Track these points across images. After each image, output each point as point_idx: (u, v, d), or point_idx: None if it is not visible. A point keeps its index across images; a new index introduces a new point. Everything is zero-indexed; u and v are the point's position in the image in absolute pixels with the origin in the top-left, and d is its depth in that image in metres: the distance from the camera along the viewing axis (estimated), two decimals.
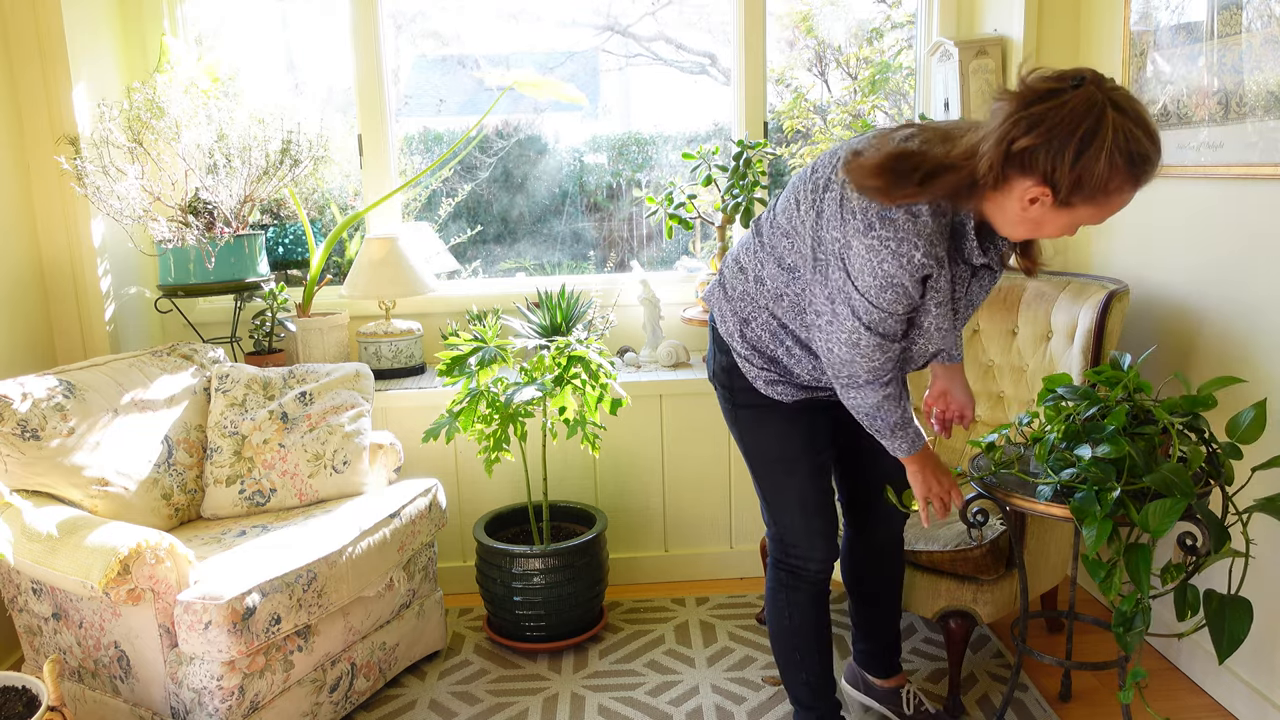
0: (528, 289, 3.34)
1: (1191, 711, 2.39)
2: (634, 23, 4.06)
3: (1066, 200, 1.51)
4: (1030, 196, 1.53)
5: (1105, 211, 1.54)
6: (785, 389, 1.94)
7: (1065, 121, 1.46)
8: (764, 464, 2.05)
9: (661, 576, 3.20)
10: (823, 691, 2.13)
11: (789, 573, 2.09)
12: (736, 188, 3.06)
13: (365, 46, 3.20)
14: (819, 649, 2.11)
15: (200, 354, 2.77)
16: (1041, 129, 1.47)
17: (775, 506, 2.07)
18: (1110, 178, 1.47)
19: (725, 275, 1.98)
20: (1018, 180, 1.53)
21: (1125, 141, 1.45)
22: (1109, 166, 1.46)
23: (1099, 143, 1.44)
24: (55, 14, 2.73)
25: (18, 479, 2.22)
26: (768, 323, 1.89)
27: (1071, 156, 1.46)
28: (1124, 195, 1.52)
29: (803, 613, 2.09)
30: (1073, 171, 1.47)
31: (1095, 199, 1.50)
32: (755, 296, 1.90)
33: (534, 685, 2.59)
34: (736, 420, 2.05)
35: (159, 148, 2.80)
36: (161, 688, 2.11)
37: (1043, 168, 1.49)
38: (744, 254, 1.93)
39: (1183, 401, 1.83)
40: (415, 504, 2.57)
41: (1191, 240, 2.46)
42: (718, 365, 2.03)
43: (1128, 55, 2.65)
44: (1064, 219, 1.56)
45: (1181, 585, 1.79)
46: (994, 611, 2.32)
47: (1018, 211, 1.57)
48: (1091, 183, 1.47)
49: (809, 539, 2.05)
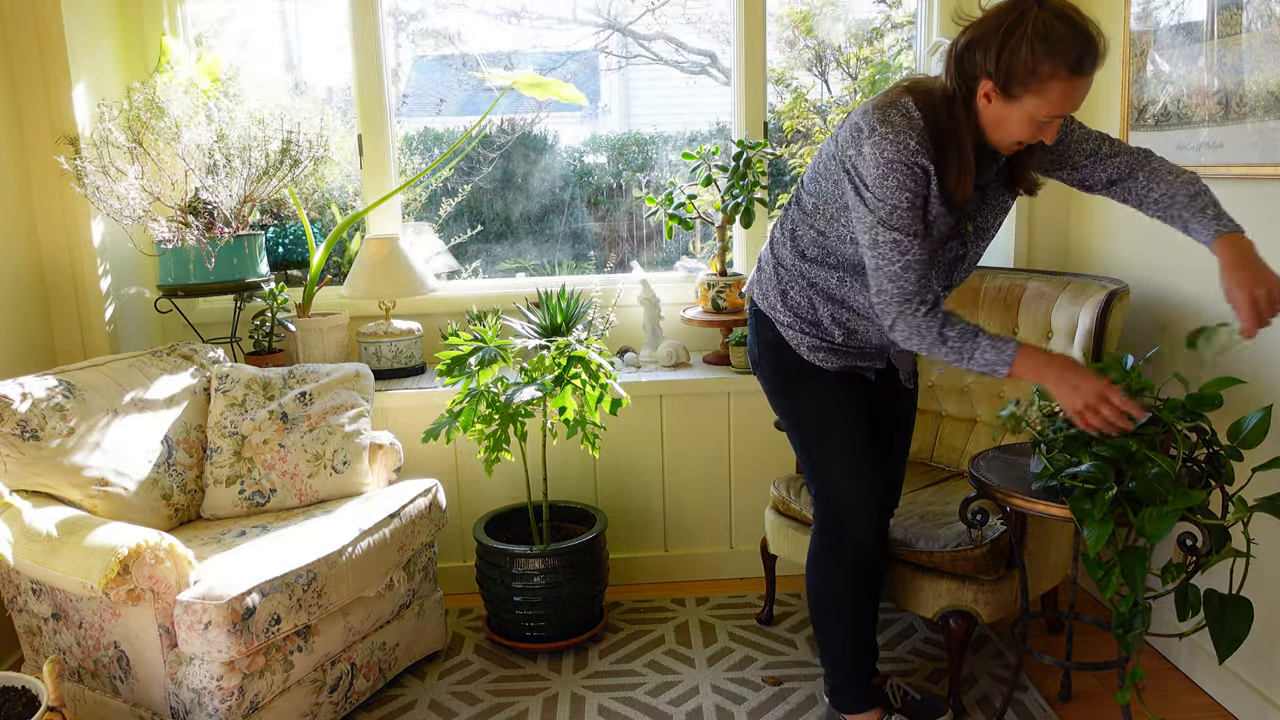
0: (528, 289, 3.34)
1: (1191, 711, 2.39)
2: (634, 22, 4.06)
3: (1008, 90, 1.72)
4: (984, 93, 1.75)
5: (1050, 102, 1.70)
6: (827, 356, 2.07)
7: (992, 20, 1.73)
8: (817, 428, 2.13)
9: (661, 576, 3.19)
10: (856, 655, 2.22)
11: (835, 538, 2.17)
12: (736, 188, 3.06)
13: (365, 46, 3.19)
14: (857, 614, 2.19)
15: (200, 354, 2.77)
16: (974, 29, 1.76)
17: (827, 470, 2.14)
18: (1036, 64, 1.67)
19: (763, 257, 2.17)
20: (976, 85, 1.76)
21: (1042, 28, 1.66)
22: (1030, 53, 1.66)
23: (1020, 33, 1.67)
24: (55, 14, 2.73)
25: (17, 479, 2.22)
26: (804, 288, 2.05)
27: (997, 46, 1.69)
28: (1059, 82, 1.68)
29: (846, 579, 2.17)
30: (1001, 60, 1.69)
31: (1032, 86, 1.69)
32: (791, 261, 2.07)
33: (534, 685, 2.59)
34: (787, 391, 2.15)
35: (159, 148, 2.80)
36: (161, 688, 2.11)
37: (981, 64, 1.73)
38: (778, 226, 2.14)
39: (1188, 402, 1.83)
40: (415, 504, 2.57)
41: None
42: (762, 343, 2.16)
43: (1128, 55, 2.64)
44: (1018, 113, 1.74)
45: (1182, 585, 1.79)
46: (994, 611, 2.32)
47: (982, 115, 1.79)
48: (1021, 70, 1.68)
49: (858, 501, 2.12)
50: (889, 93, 1.87)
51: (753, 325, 2.20)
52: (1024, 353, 1.76)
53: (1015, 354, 1.76)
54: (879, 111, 1.81)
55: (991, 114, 1.77)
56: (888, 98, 1.85)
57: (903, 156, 1.77)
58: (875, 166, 1.79)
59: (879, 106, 1.82)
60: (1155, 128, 2.54)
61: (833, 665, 2.26)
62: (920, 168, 1.79)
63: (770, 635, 2.81)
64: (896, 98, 1.83)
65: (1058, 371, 1.76)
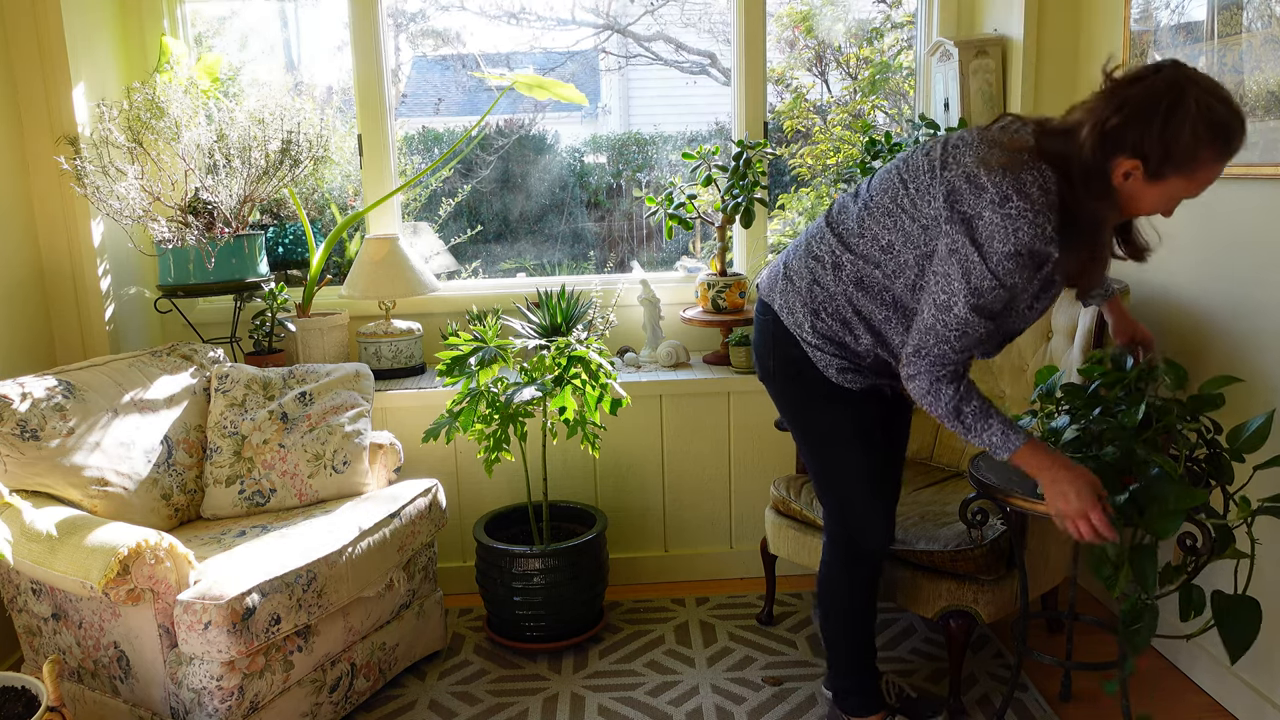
0: (528, 289, 3.34)
1: (1192, 712, 2.39)
2: (633, 22, 4.06)
3: (1158, 172, 1.63)
4: (1124, 171, 1.65)
5: (1195, 183, 1.65)
6: (854, 376, 2.00)
7: (1150, 97, 1.61)
8: (837, 445, 2.09)
9: (661, 576, 3.19)
10: (865, 661, 2.24)
11: (851, 553, 2.17)
12: (736, 188, 3.06)
13: (365, 46, 3.19)
14: (868, 623, 2.21)
15: (200, 354, 2.76)
16: (1130, 107, 1.62)
17: (843, 486, 2.12)
18: (1196, 146, 1.59)
19: (792, 267, 2.03)
20: (1114, 161, 1.65)
21: (1207, 111, 1.59)
22: (1193, 135, 1.59)
23: (1182, 113, 1.58)
24: (55, 14, 2.73)
25: (17, 479, 2.22)
26: (840, 311, 1.95)
27: (1159, 127, 1.59)
28: (1211, 165, 1.63)
29: (862, 590, 2.18)
30: (1160, 140, 1.60)
31: (1184, 168, 1.62)
32: (829, 285, 1.95)
33: (534, 685, 2.59)
34: (810, 410, 2.08)
35: (159, 148, 2.80)
36: (161, 688, 2.11)
37: (1133, 141, 1.62)
38: (815, 243, 1.99)
39: (1190, 402, 1.83)
40: (415, 504, 2.57)
41: (1192, 240, 2.46)
42: (784, 358, 2.05)
43: (1128, 55, 2.64)
44: (1156, 192, 1.67)
45: (1184, 586, 1.78)
46: (994, 611, 2.32)
47: (1116, 189, 1.68)
48: (1179, 151, 1.60)
49: (875, 518, 2.12)
50: (1016, 148, 1.70)
51: (770, 336, 2.07)
52: (1029, 448, 1.76)
53: (1020, 446, 1.76)
54: (1013, 178, 1.66)
55: (1126, 191, 1.68)
56: (1017, 159, 1.69)
57: (1038, 242, 1.66)
58: (1003, 242, 1.67)
59: (1011, 171, 1.67)
60: None
61: (842, 673, 2.26)
62: (1048, 254, 1.69)
63: (770, 635, 2.81)
64: (1032, 163, 1.68)
65: (1054, 474, 1.76)
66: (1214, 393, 1.82)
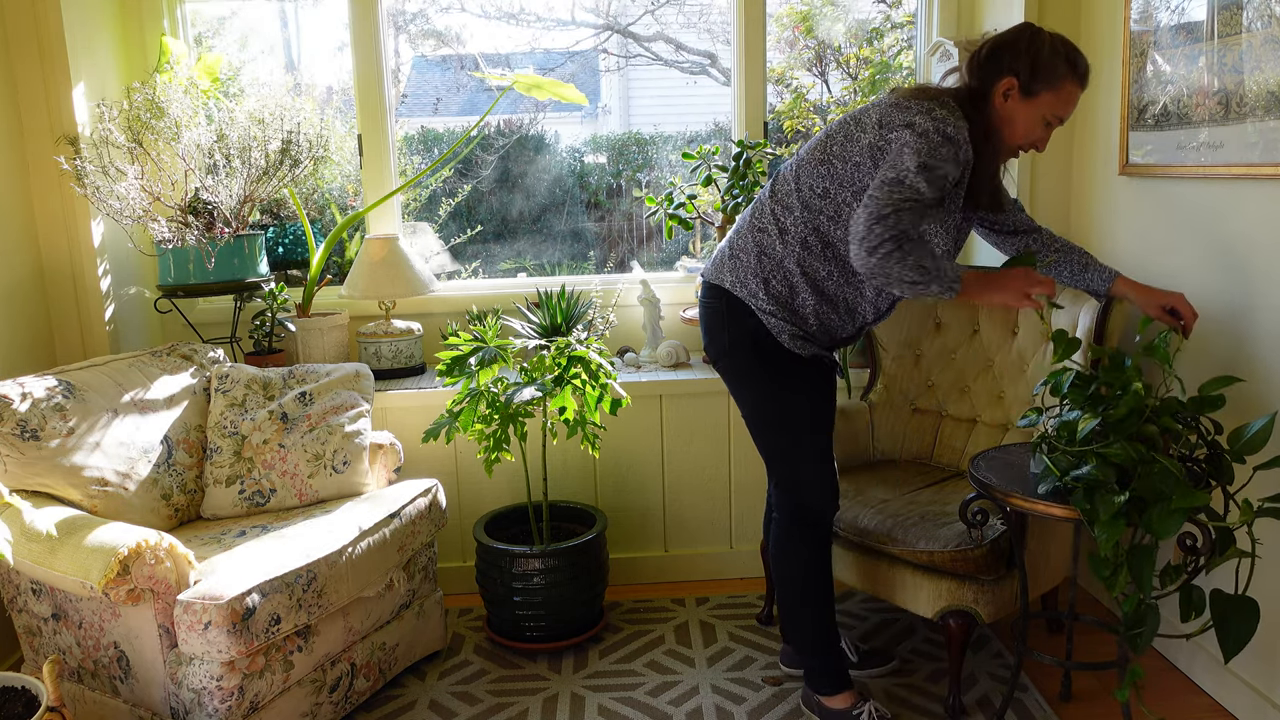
0: (528, 289, 3.34)
1: (1192, 712, 2.39)
2: (633, 22, 4.06)
3: (1028, 87, 1.98)
4: (1003, 90, 2.00)
5: (1062, 101, 2.00)
6: (804, 344, 2.16)
7: (1012, 35, 2.02)
8: (793, 421, 2.20)
9: (661, 576, 3.19)
10: (830, 641, 2.30)
11: (808, 525, 2.25)
12: (736, 188, 3.06)
13: (365, 46, 3.19)
14: (828, 596, 2.29)
15: (200, 354, 2.76)
16: (996, 41, 2.03)
17: (797, 460, 2.23)
18: (1055, 61, 1.96)
19: (737, 245, 2.20)
20: (994, 85, 2.00)
21: (1059, 40, 1.99)
22: (1052, 52, 1.97)
23: (1040, 40, 1.98)
24: (55, 14, 2.73)
25: (17, 479, 2.22)
26: (789, 275, 2.12)
27: (1024, 48, 1.98)
28: (1071, 85, 1.99)
29: (815, 561, 2.26)
30: (1028, 57, 1.97)
31: (1051, 83, 1.97)
32: (777, 251, 2.12)
33: (534, 685, 2.59)
34: (768, 380, 2.19)
35: (159, 148, 2.80)
36: (161, 688, 2.11)
37: (1007, 64, 1.99)
38: (759, 218, 2.17)
39: (1190, 403, 1.83)
40: (415, 504, 2.57)
41: (1192, 240, 2.46)
42: (740, 329, 2.17)
43: (1128, 55, 2.64)
44: (1032, 111, 2.00)
45: (1185, 586, 1.78)
46: (994, 611, 2.32)
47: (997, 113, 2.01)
48: (1044, 66, 1.96)
49: (823, 489, 2.24)
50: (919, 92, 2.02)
51: (723, 314, 2.20)
52: (969, 275, 2.00)
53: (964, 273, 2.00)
54: (932, 100, 1.96)
55: (1005, 111, 2.01)
56: (928, 90, 2.02)
57: (960, 135, 1.93)
58: (935, 134, 1.92)
59: (927, 96, 1.98)
60: (1155, 128, 2.54)
61: (808, 650, 2.32)
62: (968, 156, 1.97)
63: (770, 635, 2.81)
64: (937, 95, 2.00)
65: (987, 281, 2.01)
66: (1214, 393, 1.82)
